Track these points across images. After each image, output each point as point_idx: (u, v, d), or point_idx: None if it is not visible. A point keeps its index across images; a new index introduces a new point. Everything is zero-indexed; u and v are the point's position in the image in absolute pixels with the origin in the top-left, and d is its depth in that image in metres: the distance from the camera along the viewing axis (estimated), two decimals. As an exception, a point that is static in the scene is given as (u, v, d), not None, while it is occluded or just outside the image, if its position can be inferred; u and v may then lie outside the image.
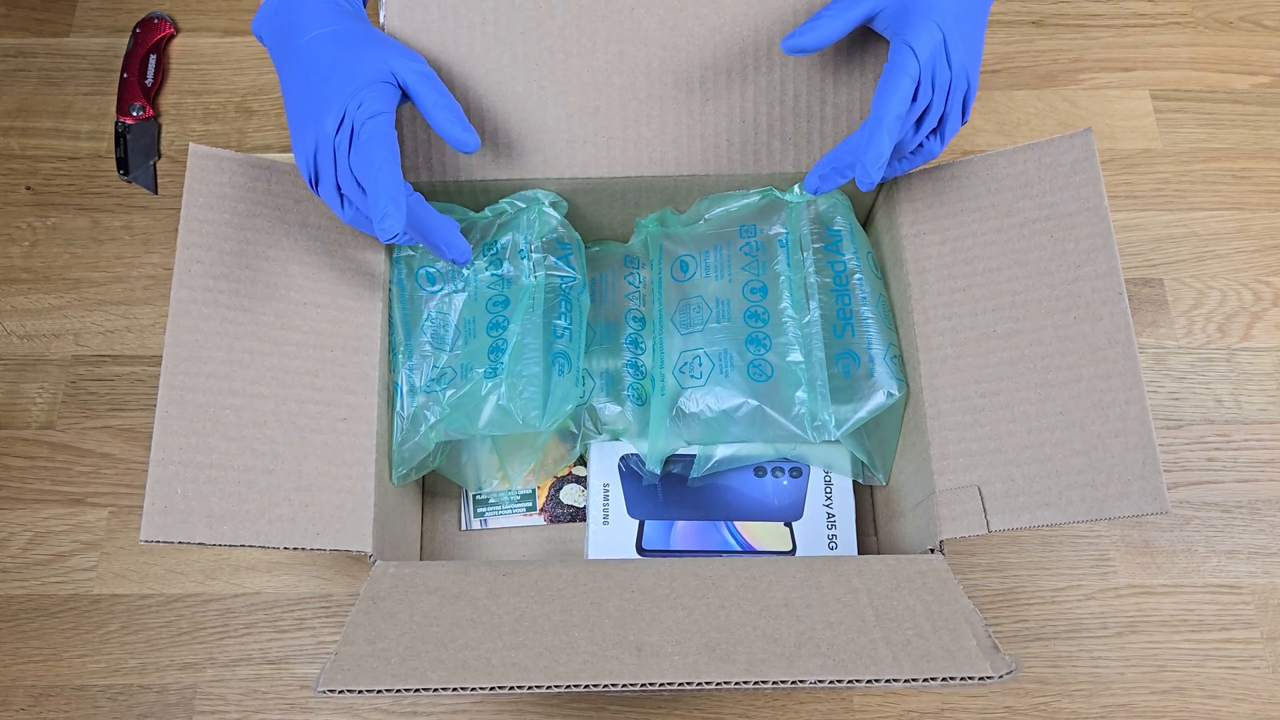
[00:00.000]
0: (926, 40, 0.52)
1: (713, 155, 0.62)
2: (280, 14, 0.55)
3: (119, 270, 0.76)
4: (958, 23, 0.52)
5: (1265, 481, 0.71)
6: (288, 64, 0.55)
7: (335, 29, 0.54)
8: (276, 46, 0.56)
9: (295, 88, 0.54)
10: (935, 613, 0.47)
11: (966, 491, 0.55)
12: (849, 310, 0.62)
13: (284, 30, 0.55)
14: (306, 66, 0.53)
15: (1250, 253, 0.77)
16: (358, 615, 0.48)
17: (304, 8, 0.55)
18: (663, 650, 0.44)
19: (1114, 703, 0.66)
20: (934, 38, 0.52)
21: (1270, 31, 0.84)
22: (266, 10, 0.56)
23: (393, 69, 0.53)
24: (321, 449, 0.55)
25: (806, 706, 0.65)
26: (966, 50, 0.53)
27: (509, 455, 0.64)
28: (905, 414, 0.61)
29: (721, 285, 0.63)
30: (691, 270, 0.64)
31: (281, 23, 0.55)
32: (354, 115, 0.51)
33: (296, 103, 0.54)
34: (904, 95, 0.52)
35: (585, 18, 0.61)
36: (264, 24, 0.56)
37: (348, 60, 0.53)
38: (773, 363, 0.61)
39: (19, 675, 0.66)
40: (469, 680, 0.42)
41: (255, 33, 0.57)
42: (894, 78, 0.52)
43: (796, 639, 0.45)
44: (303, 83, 0.53)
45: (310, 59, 0.53)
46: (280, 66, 0.56)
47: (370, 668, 0.43)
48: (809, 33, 0.54)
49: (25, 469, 0.70)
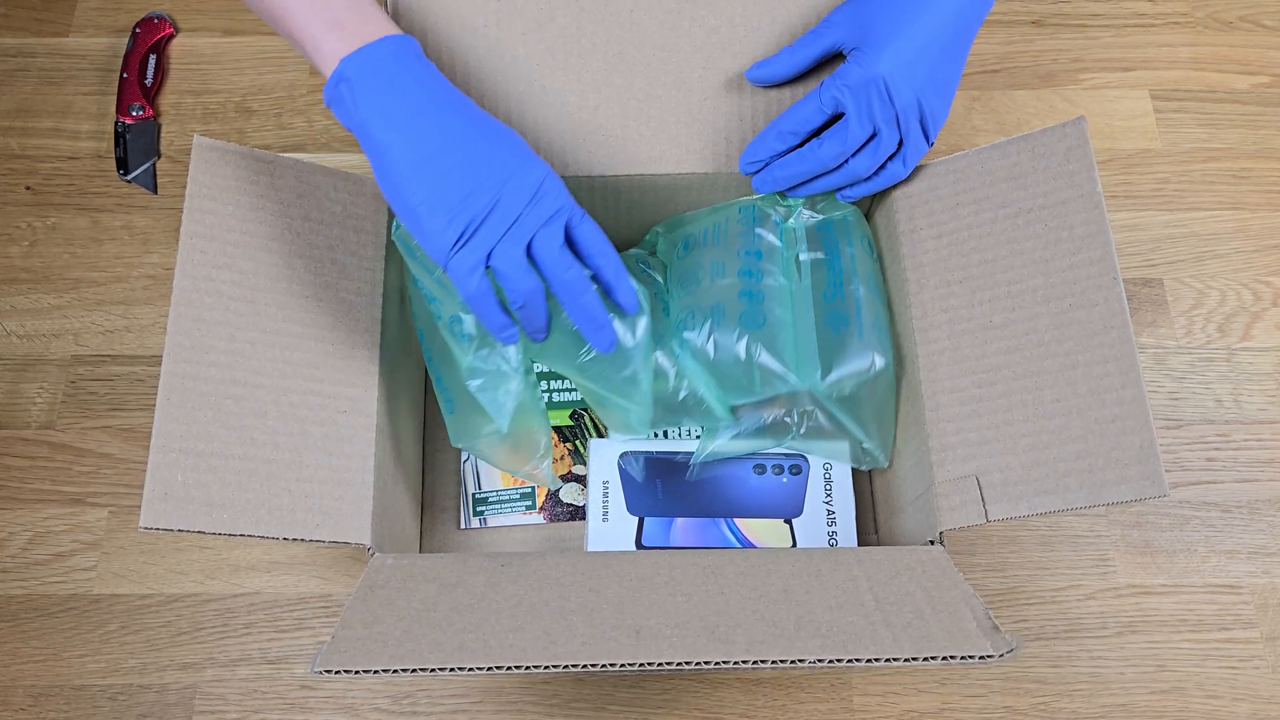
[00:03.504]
0: (856, 78, 0.56)
1: (712, 155, 0.63)
2: (393, 66, 0.51)
3: (119, 270, 0.76)
4: (913, 60, 0.56)
5: (1265, 481, 0.71)
6: (425, 110, 0.51)
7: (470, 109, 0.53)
8: (385, 91, 0.51)
9: (448, 138, 0.51)
10: (935, 597, 0.47)
11: (965, 482, 0.55)
12: (840, 282, 0.62)
13: (404, 81, 0.51)
14: (465, 121, 0.51)
15: (1250, 253, 0.77)
16: (355, 602, 0.48)
17: (428, 68, 0.52)
18: (661, 632, 0.44)
19: (1114, 702, 0.66)
20: (866, 75, 0.56)
21: (1270, 31, 0.84)
22: (373, 56, 0.51)
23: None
24: (322, 441, 0.55)
25: (806, 707, 0.65)
26: (927, 81, 0.57)
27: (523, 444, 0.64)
28: (904, 408, 0.61)
29: (719, 250, 0.64)
30: (692, 246, 0.65)
31: (396, 75, 0.51)
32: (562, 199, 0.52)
33: (450, 156, 0.51)
34: (801, 116, 0.58)
35: (585, 19, 0.61)
36: (368, 68, 0.51)
37: (517, 139, 0.53)
38: (764, 313, 0.61)
39: (19, 675, 0.66)
40: (466, 661, 0.42)
41: (344, 70, 0.51)
42: (802, 101, 0.59)
43: (796, 622, 0.45)
44: (463, 137, 0.51)
45: (468, 114, 0.52)
46: (399, 111, 0.51)
47: (367, 650, 0.43)
48: (770, 65, 0.61)
49: (25, 469, 0.70)
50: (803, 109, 0.59)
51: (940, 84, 0.58)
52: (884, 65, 0.56)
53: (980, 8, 0.58)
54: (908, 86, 0.56)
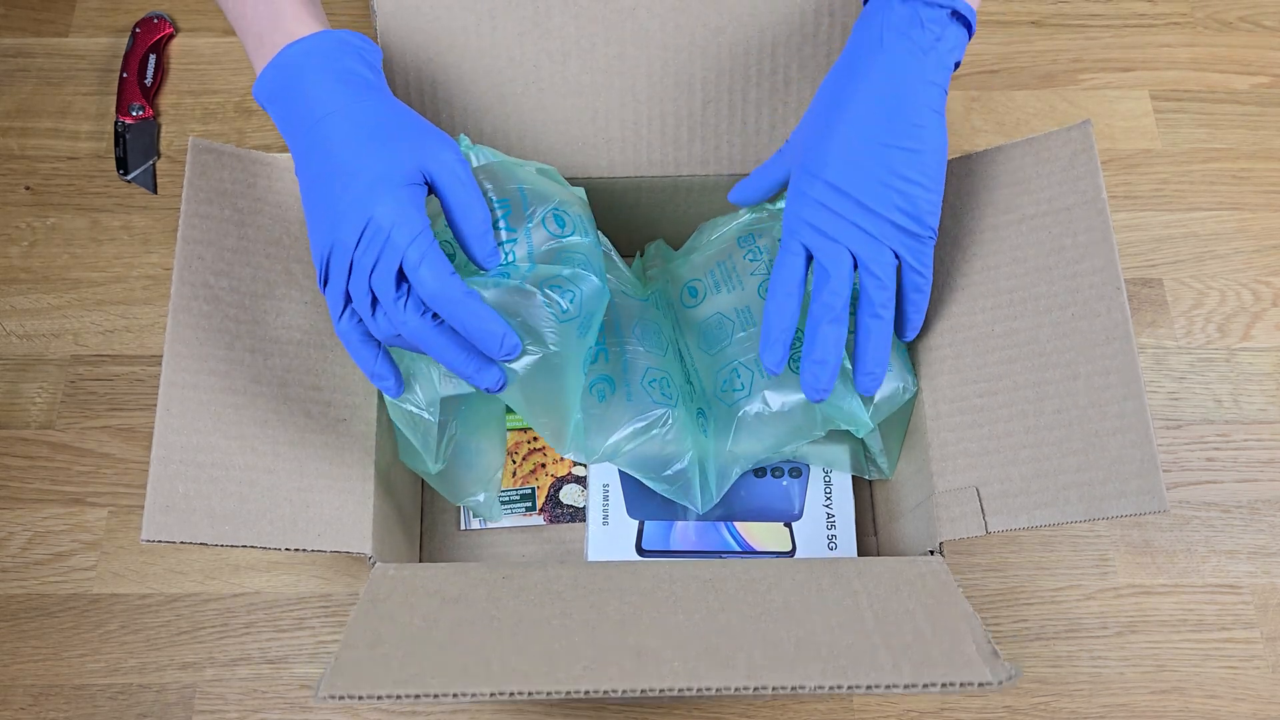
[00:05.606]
0: (797, 205, 0.53)
1: (713, 156, 0.62)
2: (287, 87, 0.50)
3: (118, 270, 0.76)
4: (855, 150, 0.51)
5: (1265, 481, 0.71)
6: (300, 145, 0.50)
7: (351, 111, 0.49)
8: (286, 120, 0.50)
9: (310, 176, 0.49)
10: (935, 616, 0.47)
11: (965, 493, 0.55)
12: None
13: (293, 105, 0.50)
14: (321, 157, 0.49)
15: (1250, 253, 0.77)
16: (358, 618, 0.47)
17: (315, 82, 0.49)
18: (662, 655, 0.44)
19: (1114, 702, 0.66)
20: (810, 194, 0.52)
21: (1270, 31, 0.84)
22: (269, 81, 0.51)
23: (421, 166, 0.49)
24: (322, 449, 0.55)
25: (806, 707, 0.65)
26: (881, 167, 0.50)
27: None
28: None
29: (735, 296, 0.61)
30: (701, 293, 0.63)
31: (290, 97, 0.50)
32: (391, 236, 0.46)
33: (312, 194, 0.49)
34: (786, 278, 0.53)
35: (585, 19, 0.60)
36: (267, 94, 0.51)
37: (369, 157, 0.48)
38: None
39: (18, 675, 0.66)
40: (470, 686, 0.42)
41: (256, 98, 0.52)
42: (778, 264, 0.54)
43: (796, 643, 0.45)
44: (319, 175, 0.49)
45: (325, 148, 0.48)
46: (292, 144, 0.50)
47: (370, 672, 0.43)
48: (744, 190, 0.59)
49: (25, 469, 0.70)
50: (780, 270, 0.53)
51: (891, 173, 0.51)
52: (815, 187, 0.51)
53: (934, 70, 0.51)
54: (844, 196, 0.51)
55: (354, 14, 0.84)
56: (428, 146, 0.49)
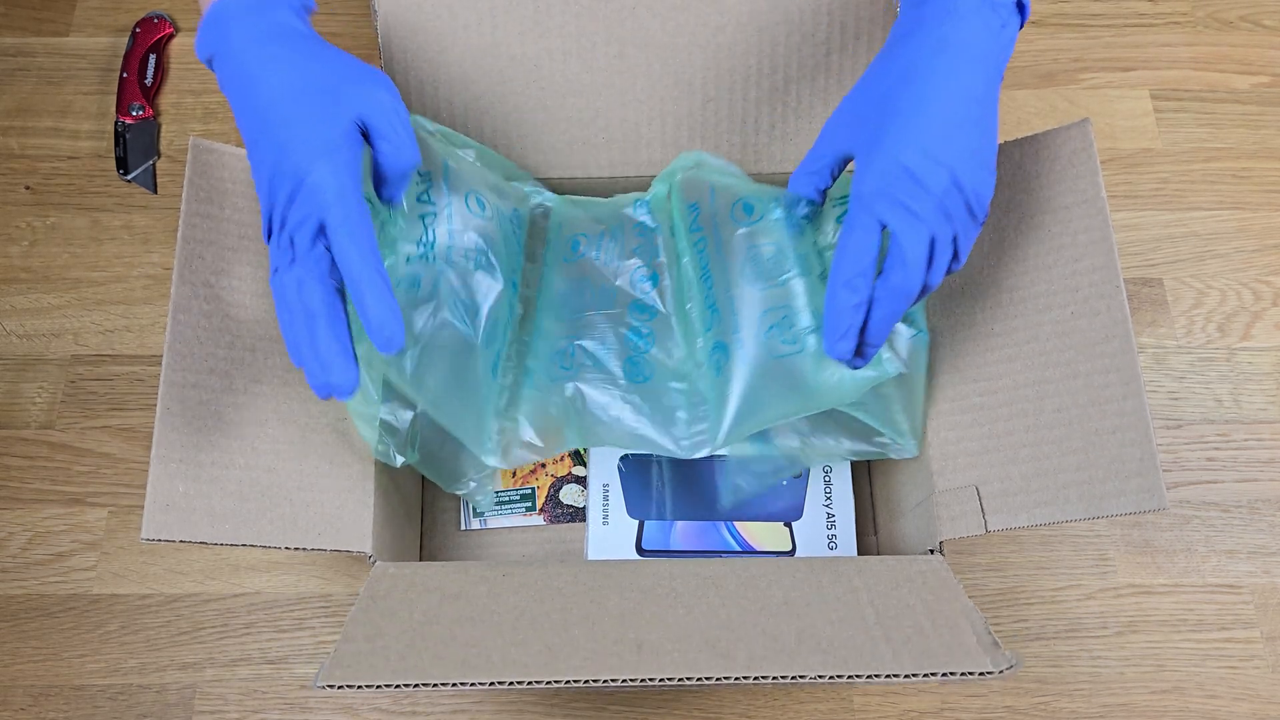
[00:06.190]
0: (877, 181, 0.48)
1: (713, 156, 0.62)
2: (219, 46, 0.49)
3: (118, 270, 0.75)
4: (937, 136, 0.47)
5: (1265, 481, 0.71)
6: (236, 104, 0.49)
7: (281, 65, 0.48)
8: (223, 79, 0.49)
9: (249, 138, 0.48)
10: (935, 610, 0.47)
11: (965, 492, 0.55)
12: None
13: (226, 63, 0.49)
14: (257, 118, 0.48)
15: (1250, 252, 0.77)
16: (357, 613, 0.48)
17: (243, 38, 0.48)
18: (663, 647, 0.44)
19: (1114, 702, 0.66)
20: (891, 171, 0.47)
21: (1270, 31, 0.84)
22: (203, 39, 0.50)
23: (356, 113, 0.48)
24: (322, 448, 0.55)
25: (807, 706, 0.65)
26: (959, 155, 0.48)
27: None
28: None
29: (792, 237, 0.57)
30: (758, 213, 0.57)
31: (222, 56, 0.49)
32: (315, 200, 0.46)
33: (253, 155, 0.48)
34: (857, 255, 0.48)
35: (585, 18, 0.60)
36: (206, 54, 0.50)
37: (303, 115, 0.47)
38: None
39: (18, 675, 0.66)
40: (468, 676, 0.42)
41: (200, 58, 0.50)
42: (844, 235, 0.49)
43: (796, 636, 0.45)
44: (256, 138, 0.48)
45: (257, 107, 0.48)
46: (232, 103, 0.49)
47: (369, 664, 0.43)
48: (805, 178, 0.53)
49: (24, 469, 0.70)
50: (852, 245, 0.49)
51: (973, 152, 0.49)
52: (907, 154, 0.47)
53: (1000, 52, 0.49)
54: (940, 168, 0.47)
55: (354, 14, 0.84)
56: (362, 90, 0.48)
